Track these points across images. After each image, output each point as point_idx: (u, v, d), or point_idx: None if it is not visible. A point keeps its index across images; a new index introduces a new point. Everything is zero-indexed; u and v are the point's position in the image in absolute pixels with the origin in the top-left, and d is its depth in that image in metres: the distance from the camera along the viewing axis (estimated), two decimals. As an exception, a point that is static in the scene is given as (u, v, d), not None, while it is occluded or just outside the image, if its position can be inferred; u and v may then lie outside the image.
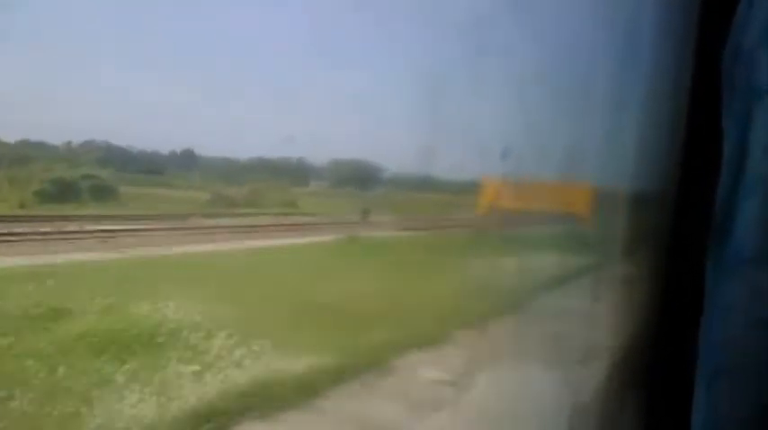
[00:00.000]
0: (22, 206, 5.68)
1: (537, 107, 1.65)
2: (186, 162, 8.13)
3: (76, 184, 6.41)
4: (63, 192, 6.19)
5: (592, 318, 1.65)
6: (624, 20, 1.62)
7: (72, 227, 5.34)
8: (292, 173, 8.67)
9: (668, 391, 1.15)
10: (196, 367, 2.90)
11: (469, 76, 1.81)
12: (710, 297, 0.77)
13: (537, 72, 1.68)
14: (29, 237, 4.85)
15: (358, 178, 8.36)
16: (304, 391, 2.78)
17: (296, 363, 3.04)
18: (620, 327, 1.57)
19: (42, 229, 5.12)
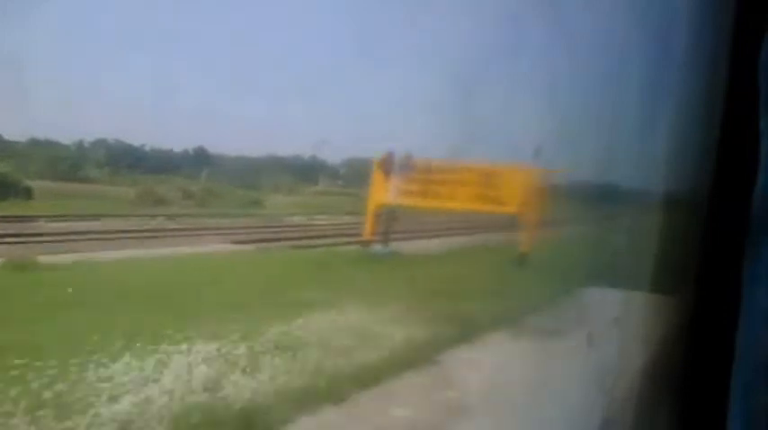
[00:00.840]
0: None
1: (568, 106, 1.63)
2: (200, 160, 8.24)
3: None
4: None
5: (623, 324, 1.62)
6: (657, 19, 1.59)
7: None
8: (307, 171, 8.73)
9: (703, 398, 1.12)
10: None
11: (501, 75, 1.81)
12: (747, 301, 0.75)
13: (568, 71, 1.66)
14: None
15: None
16: None
17: None
18: (653, 333, 1.54)
19: None
